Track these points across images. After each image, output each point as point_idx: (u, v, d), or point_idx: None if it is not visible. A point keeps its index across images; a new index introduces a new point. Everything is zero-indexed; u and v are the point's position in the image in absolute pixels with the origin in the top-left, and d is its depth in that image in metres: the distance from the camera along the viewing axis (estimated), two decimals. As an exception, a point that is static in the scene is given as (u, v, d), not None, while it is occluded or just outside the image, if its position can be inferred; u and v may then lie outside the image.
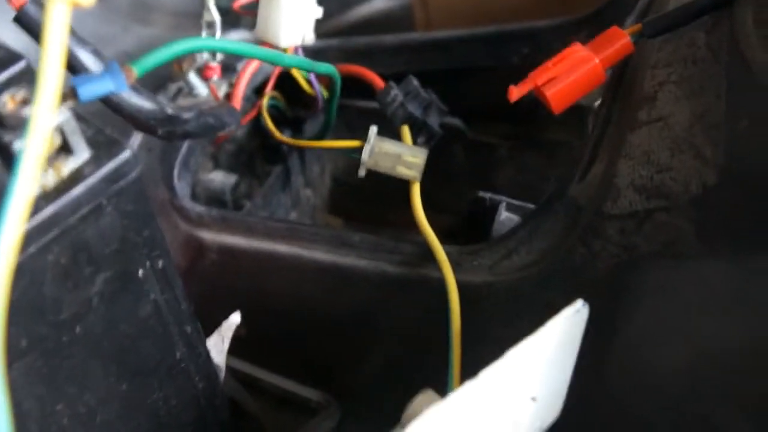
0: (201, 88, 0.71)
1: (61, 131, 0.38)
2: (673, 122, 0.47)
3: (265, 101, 0.72)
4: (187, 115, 0.55)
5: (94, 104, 0.52)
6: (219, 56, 0.67)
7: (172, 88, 0.73)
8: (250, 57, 0.55)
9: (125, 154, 0.40)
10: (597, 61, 0.52)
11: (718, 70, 0.47)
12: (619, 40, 0.52)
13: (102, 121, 0.44)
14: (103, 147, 0.40)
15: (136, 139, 0.70)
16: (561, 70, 0.52)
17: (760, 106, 0.43)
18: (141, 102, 0.51)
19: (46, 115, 0.30)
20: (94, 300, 0.42)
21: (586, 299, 0.43)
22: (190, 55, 0.68)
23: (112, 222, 0.41)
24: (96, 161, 0.39)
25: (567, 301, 0.44)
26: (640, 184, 0.47)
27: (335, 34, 0.94)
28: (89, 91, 0.37)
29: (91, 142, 0.40)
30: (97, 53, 0.47)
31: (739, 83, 0.45)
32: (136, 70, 0.41)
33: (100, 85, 0.38)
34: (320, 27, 0.67)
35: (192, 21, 0.71)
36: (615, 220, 0.48)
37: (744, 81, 0.45)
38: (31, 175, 0.29)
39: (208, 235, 0.65)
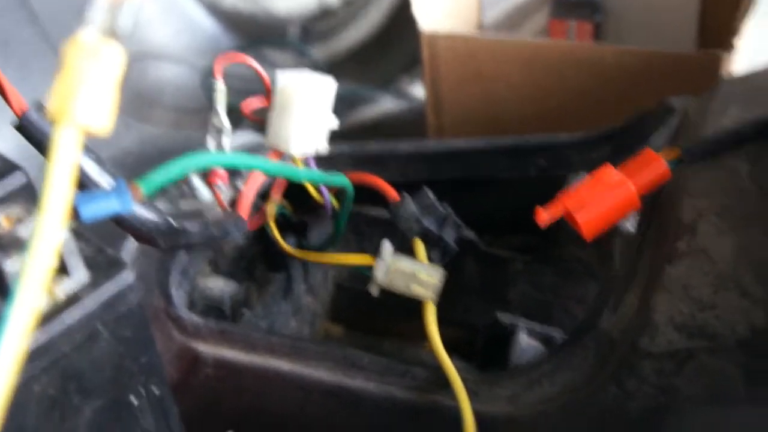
0: (204, 193, 0.68)
1: (57, 251, 0.35)
2: (716, 256, 0.44)
3: (271, 209, 0.69)
4: (192, 229, 0.52)
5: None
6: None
7: (173, 190, 0.70)
8: (267, 173, 0.53)
9: (127, 278, 0.37)
10: (632, 187, 0.49)
11: (765, 204, 0.44)
12: (655, 166, 0.49)
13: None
14: (102, 268, 0.38)
15: (133, 243, 0.67)
16: (593, 195, 0.49)
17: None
18: (145, 215, 0.48)
19: (52, 239, 0.26)
20: (81, 430, 0.39)
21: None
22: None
23: (108, 349, 0.38)
24: (94, 284, 0.37)
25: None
26: (680, 322, 0.44)
27: (341, 135, 0.93)
28: (92, 210, 0.34)
29: (90, 263, 0.38)
30: (101, 162, 0.44)
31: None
32: (144, 189, 0.38)
33: (105, 205, 0.35)
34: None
35: (194, 118, 0.69)
36: (653, 358, 0.45)
37: (793, 216, 0.42)
38: (30, 303, 0.26)
39: (205, 348, 0.62)
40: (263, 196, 0.74)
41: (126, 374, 0.40)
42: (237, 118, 0.75)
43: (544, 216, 0.49)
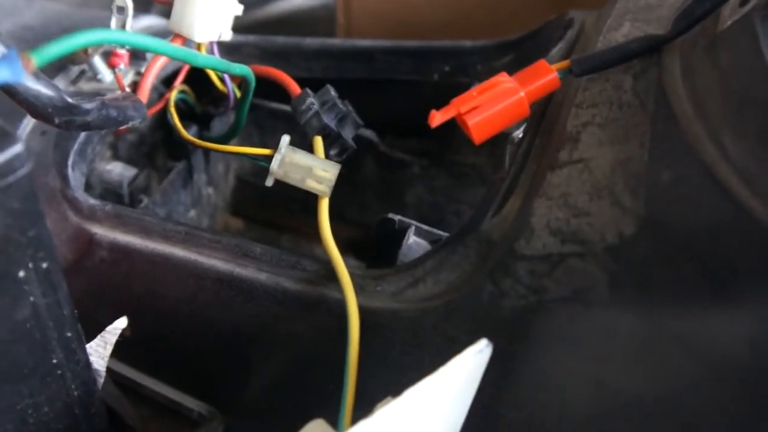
0: (106, 74, 0.67)
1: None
2: (595, 166, 0.46)
3: (173, 95, 0.69)
4: (88, 106, 0.52)
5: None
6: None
7: (74, 70, 0.69)
8: (163, 54, 0.52)
9: (16, 148, 0.37)
10: (522, 94, 0.50)
11: (643, 118, 0.46)
12: (546, 75, 0.51)
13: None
14: (-11, 138, 0.37)
15: (29, 122, 0.66)
16: (485, 100, 0.50)
17: (683, 159, 0.42)
18: (38, 88, 0.47)
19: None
20: (-36, 301, 0.39)
21: (490, 338, 0.42)
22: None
23: (-6, 220, 0.38)
24: (-20, 154, 0.36)
25: (470, 338, 0.42)
26: (556, 227, 0.46)
27: (251, 28, 0.92)
28: (-21, 78, 0.34)
29: (-23, 133, 0.37)
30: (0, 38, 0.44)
31: (664, 134, 0.44)
32: (37, 60, 0.38)
33: (-7, 73, 0.34)
34: (236, 20, 0.64)
35: (100, -1, 0.67)
36: (527, 260, 0.47)
37: (669, 133, 0.44)
38: None
39: (100, 231, 0.62)
40: (167, 83, 0.73)
41: (13, 247, 0.39)
42: (147, 2, 0.74)
43: (437, 117, 0.51)
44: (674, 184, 0.42)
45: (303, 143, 0.60)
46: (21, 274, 0.41)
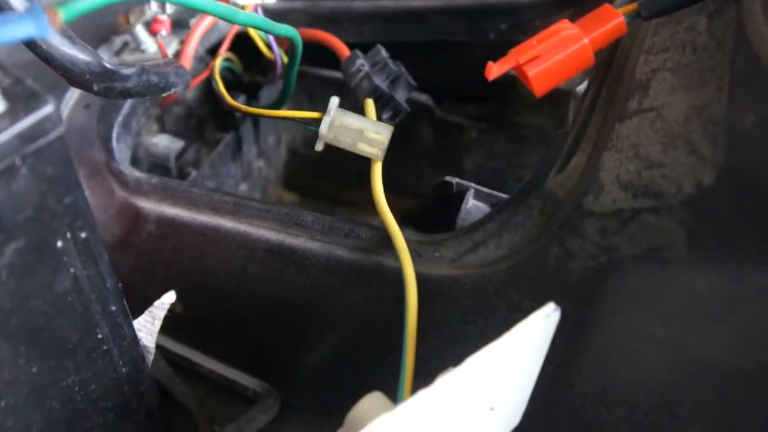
0: (149, 44, 0.65)
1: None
2: (667, 114, 0.43)
3: (218, 63, 0.67)
4: (127, 71, 0.50)
5: (27, 54, 0.47)
6: (169, 9, 0.62)
7: (117, 41, 0.67)
8: (200, 10, 0.50)
9: (46, 109, 0.35)
10: (586, 41, 0.47)
11: (721, 59, 0.43)
12: (611, 20, 0.48)
13: (33, 73, 0.39)
14: (20, 100, 0.35)
15: (72, 94, 0.65)
16: (546, 49, 0.47)
17: (768, 101, 0.39)
18: (74, 52, 0.45)
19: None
20: (3, 272, 0.38)
21: (557, 302, 0.39)
22: (139, 6, 0.62)
23: (27, 186, 0.36)
24: (11, 115, 0.35)
25: (536, 303, 0.40)
26: (626, 180, 0.43)
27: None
28: (4, 33, 0.32)
29: (7, 93, 0.36)
30: (24, -8, 0.42)
31: (745, 75, 0.41)
32: (64, 14, 0.35)
33: (18, 28, 0.32)
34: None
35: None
36: (596, 218, 0.44)
37: (751, 73, 0.40)
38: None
39: (147, 204, 0.60)
40: (213, 53, 0.71)
41: (48, 214, 0.38)
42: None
43: (495, 69, 0.47)
44: (759, 128, 0.39)
45: (355, 109, 0.57)
46: (59, 243, 0.39)
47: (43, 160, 0.36)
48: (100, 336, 0.45)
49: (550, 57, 0.47)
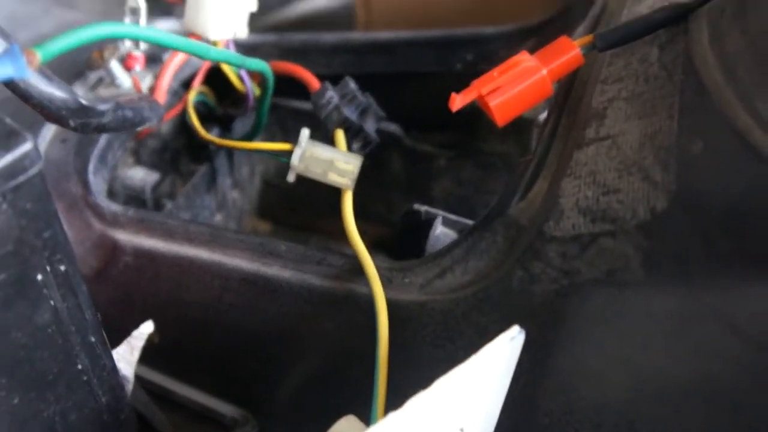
0: (124, 79, 0.67)
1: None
2: (622, 142, 0.45)
3: (191, 97, 0.68)
4: (102, 107, 0.51)
5: (3, 91, 0.48)
6: (143, 46, 0.63)
7: (92, 77, 0.68)
8: (173, 48, 0.51)
9: (25, 146, 0.36)
10: (545, 72, 0.49)
11: (671, 89, 0.44)
12: (568, 52, 0.49)
13: (11, 109, 0.41)
14: (0, 137, 0.36)
15: (49, 129, 0.66)
16: (507, 80, 0.49)
17: (715, 129, 0.41)
18: (51, 90, 0.47)
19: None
20: (-16, 305, 0.38)
21: (522, 325, 0.40)
22: (113, 42, 0.63)
23: (8, 221, 0.37)
24: (-10, 153, 0.36)
25: (502, 326, 0.41)
26: (585, 206, 0.45)
27: (273, 29, 0.91)
28: (-17, 74, 0.33)
29: (-13, 133, 0.36)
30: (2, 33, 0.43)
31: (693, 104, 0.43)
32: (41, 55, 0.37)
33: (-4, 69, 0.33)
34: (257, 22, 0.64)
35: (120, 7, 0.67)
36: (557, 242, 0.45)
37: (698, 102, 0.42)
38: None
39: (124, 236, 0.61)
40: (187, 86, 0.73)
41: (28, 248, 0.39)
42: (167, 7, 0.73)
43: (458, 100, 0.49)
44: (706, 154, 0.40)
45: (327, 140, 0.59)
46: (39, 277, 0.40)
47: (22, 195, 0.37)
48: (80, 367, 0.46)
49: (511, 88, 0.49)
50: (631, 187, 0.43)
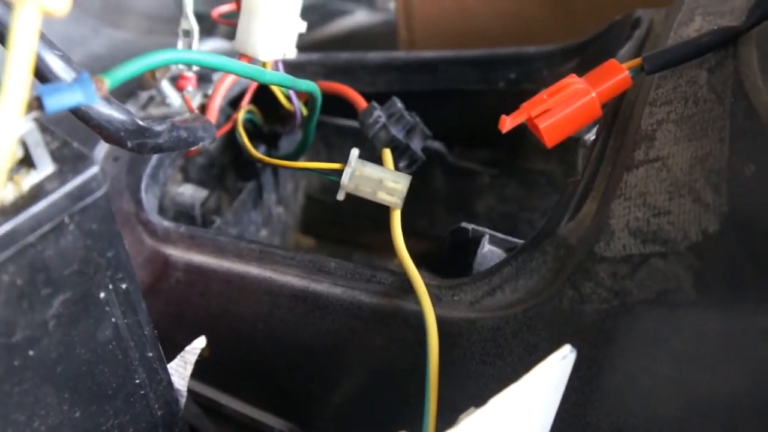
0: (174, 98, 0.68)
1: (23, 143, 0.36)
2: (672, 164, 0.45)
3: (240, 115, 0.69)
4: (159, 128, 0.52)
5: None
6: (195, 66, 0.64)
7: (143, 96, 0.70)
8: (231, 72, 0.53)
9: (92, 170, 0.38)
10: (594, 94, 0.50)
11: (721, 112, 0.45)
12: (617, 74, 0.50)
13: (65, 127, 0.42)
14: (68, 161, 0.38)
15: (102, 147, 0.67)
16: (556, 103, 0.50)
17: (766, 152, 0.41)
18: (111, 112, 0.48)
19: (9, 125, 0.27)
20: (51, 323, 0.40)
21: (572, 344, 0.41)
22: (165, 63, 0.65)
23: (74, 242, 0.39)
24: (60, 176, 0.37)
25: (552, 345, 0.42)
26: (635, 227, 0.45)
27: (314, 47, 0.92)
28: (56, 102, 0.34)
29: (56, 156, 0.38)
30: (66, 59, 0.44)
31: (744, 127, 0.43)
32: (109, 82, 0.38)
33: (69, 96, 0.35)
34: (299, 39, 0.65)
35: (166, 25, 0.69)
36: (607, 263, 0.46)
37: (749, 125, 0.43)
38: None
39: (175, 252, 0.62)
40: (234, 105, 0.74)
41: (93, 268, 0.40)
42: (211, 26, 0.75)
43: (508, 122, 0.50)
44: (758, 177, 0.41)
45: (372, 158, 0.59)
46: (102, 295, 0.42)
47: (88, 217, 0.38)
48: (138, 381, 0.47)
49: (560, 110, 0.50)
50: (681, 209, 0.44)
